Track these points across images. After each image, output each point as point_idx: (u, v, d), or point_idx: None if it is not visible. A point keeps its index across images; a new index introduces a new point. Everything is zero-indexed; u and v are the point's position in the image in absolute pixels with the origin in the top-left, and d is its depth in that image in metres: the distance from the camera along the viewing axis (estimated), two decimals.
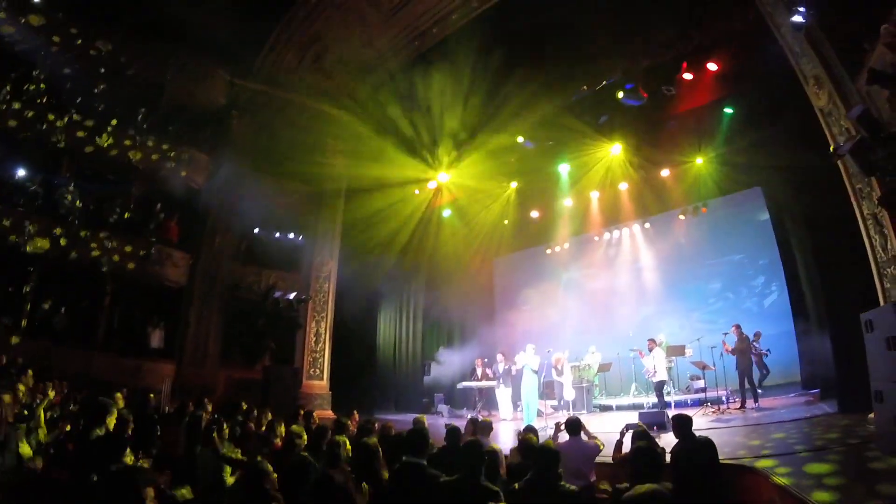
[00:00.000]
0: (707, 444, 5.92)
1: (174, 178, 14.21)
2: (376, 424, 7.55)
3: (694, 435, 6.13)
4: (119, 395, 8.21)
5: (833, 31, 8.14)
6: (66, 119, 12.57)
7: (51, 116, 12.41)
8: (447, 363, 18.49)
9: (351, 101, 16.33)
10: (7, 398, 6.31)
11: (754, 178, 13.98)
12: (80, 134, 12.78)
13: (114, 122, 13.27)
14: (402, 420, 12.33)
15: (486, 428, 7.54)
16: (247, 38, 14.24)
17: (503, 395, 14.65)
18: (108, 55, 13.12)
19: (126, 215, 13.46)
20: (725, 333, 12.61)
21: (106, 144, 13.00)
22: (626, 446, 6.36)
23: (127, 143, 13.43)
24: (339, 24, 14.05)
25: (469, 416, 14.01)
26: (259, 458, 4.77)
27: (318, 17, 13.83)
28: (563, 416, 12.78)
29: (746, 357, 11.94)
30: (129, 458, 4.43)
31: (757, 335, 12.74)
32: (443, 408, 16.46)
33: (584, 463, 6.61)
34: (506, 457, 6.24)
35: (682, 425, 6.20)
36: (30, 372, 8.42)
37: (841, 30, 8.00)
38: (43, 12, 12.13)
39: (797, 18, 8.33)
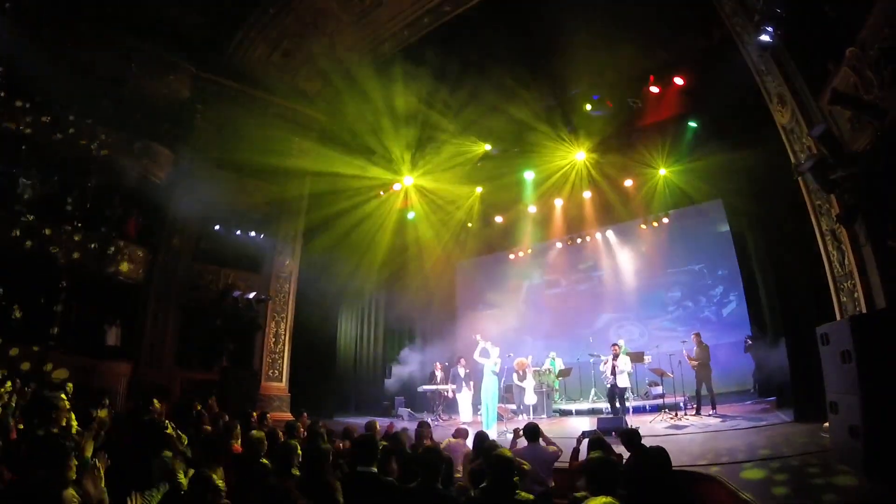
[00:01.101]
0: (660, 453, 5.99)
1: (134, 172, 13.76)
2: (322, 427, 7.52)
3: (644, 446, 6.23)
4: (63, 395, 7.87)
5: (798, 52, 8.37)
6: (23, 105, 12.05)
7: (12, 104, 11.90)
8: (408, 366, 18.43)
9: (318, 101, 16.15)
10: None
11: (716, 190, 14.31)
12: (38, 122, 12.26)
13: (73, 112, 12.78)
14: (362, 423, 12.20)
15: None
16: (215, 32, 13.93)
17: (463, 398, 14.65)
18: (70, 44, 12.62)
19: (84, 207, 12.97)
20: (684, 341, 12.89)
21: (64, 135, 12.51)
22: (583, 454, 6.45)
23: (85, 134, 12.94)
24: (309, 22, 13.83)
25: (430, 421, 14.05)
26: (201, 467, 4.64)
27: (289, 13, 13.58)
28: (522, 421, 12.98)
29: (706, 365, 12.20)
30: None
31: None
32: (403, 411, 16.40)
33: (543, 469, 6.65)
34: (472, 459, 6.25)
35: (629, 439, 6.32)
36: None
37: (806, 51, 8.23)
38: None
39: (764, 38, 8.54)
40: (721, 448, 8.63)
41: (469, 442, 7.30)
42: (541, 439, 7.01)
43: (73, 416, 7.22)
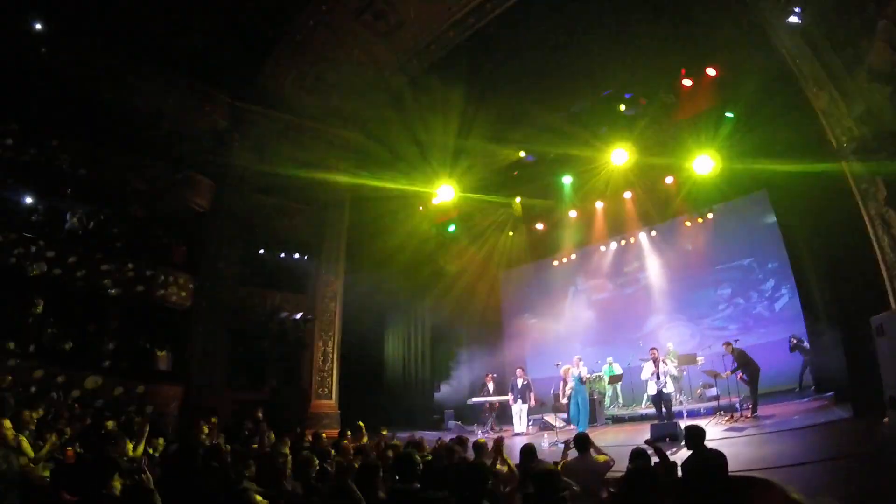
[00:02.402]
0: (717, 456, 5.76)
1: (176, 202, 14.24)
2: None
3: (706, 447, 5.98)
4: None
5: (829, 31, 8.06)
6: (62, 142, 12.65)
7: (51, 142, 12.51)
8: (457, 378, 18.37)
9: (353, 120, 16.39)
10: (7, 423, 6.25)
11: (759, 181, 13.83)
12: (81, 158, 12.83)
13: (114, 146, 13.34)
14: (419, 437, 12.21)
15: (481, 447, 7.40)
16: (246, 61, 14.38)
17: (518, 410, 14.49)
18: (108, 79, 13.20)
19: (130, 238, 13.49)
20: (724, 355, 12.37)
21: (107, 169, 13.07)
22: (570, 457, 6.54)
23: (127, 167, 13.47)
24: (334, 45, 14.13)
25: (480, 433, 13.94)
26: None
27: (314, 39, 13.90)
28: (573, 431, 12.75)
29: (752, 365, 11.76)
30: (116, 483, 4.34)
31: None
32: (453, 424, 16.31)
33: (594, 480, 6.46)
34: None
35: (693, 437, 6.05)
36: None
37: (837, 28, 7.91)
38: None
39: (793, 19, 8.27)
40: (777, 450, 8.27)
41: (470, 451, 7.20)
42: (591, 450, 6.83)
43: (129, 443, 7.47)
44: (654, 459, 6.15)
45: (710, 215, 15.98)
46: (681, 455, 6.48)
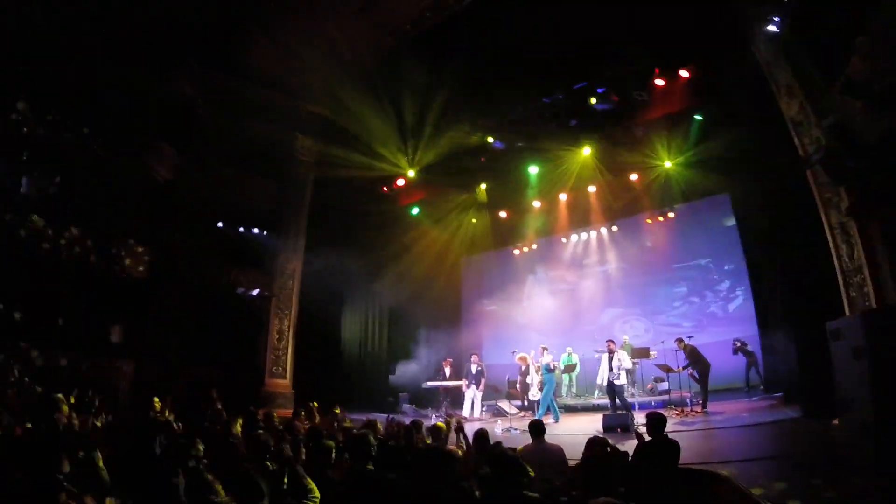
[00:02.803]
0: (674, 446, 5.87)
1: (138, 170, 13.69)
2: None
3: (665, 435, 6.11)
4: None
5: (807, 42, 8.24)
6: (24, 104, 11.98)
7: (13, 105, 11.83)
8: (413, 362, 18.35)
9: (322, 96, 16.04)
10: None
11: (722, 184, 14.17)
12: (41, 122, 12.17)
13: (75, 110, 12.69)
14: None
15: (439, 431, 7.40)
16: (218, 28, 13.81)
17: (471, 395, 14.60)
18: (71, 40, 12.53)
19: (87, 206, 12.87)
20: (677, 350, 12.70)
21: (67, 133, 12.42)
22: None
23: (88, 131, 12.85)
24: (309, 17, 13.73)
25: (434, 417, 14.00)
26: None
27: (290, 9, 13.49)
28: (526, 418, 12.92)
29: (703, 362, 12.11)
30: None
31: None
32: (407, 407, 16.33)
33: (549, 467, 6.54)
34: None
35: (655, 423, 6.15)
36: None
37: (815, 40, 8.10)
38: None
39: (772, 28, 8.43)
40: (728, 446, 8.55)
41: None
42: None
43: (74, 416, 7.20)
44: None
45: (671, 214, 16.28)
46: (630, 445, 6.59)
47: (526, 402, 14.52)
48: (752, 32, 9.42)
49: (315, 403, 10.28)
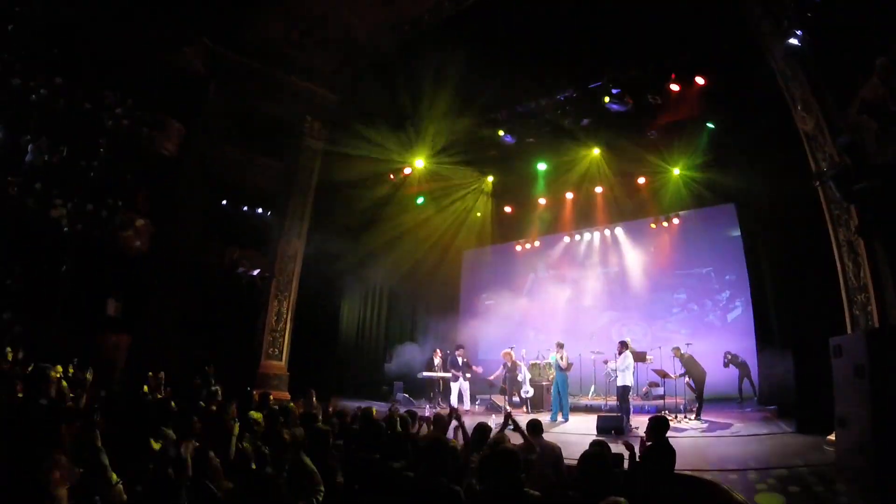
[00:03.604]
0: (671, 452, 5.91)
1: (144, 143, 13.62)
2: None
3: (666, 440, 6.13)
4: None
5: (826, 59, 8.22)
6: (32, 69, 11.89)
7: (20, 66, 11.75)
8: (409, 351, 18.38)
9: (334, 81, 15.97)
10: None
11: (729, 194, 14.19)
12: (49, 87, 12.09)
13: (84, 79, 12.61)
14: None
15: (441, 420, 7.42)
16: (233, 6, 13.72)
17: (455, 387, 14.68)
18: (85, 14, 12.43)
19: (92, 176, 12.81)
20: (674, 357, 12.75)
21: (74, 101, 12.34)
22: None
23: (96, 101, 12.76)
24: (326, 1, 13.67)
25: (428, 408, 14.08)
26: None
27: None
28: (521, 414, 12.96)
29: (699, 371, 12.17)
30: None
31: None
32: (401, 396, 16.36)
33: (546, 464, 6.58)
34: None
35: (658, 427, 6.15)
36: None
37: (834, 58, 8.08)
38: None
39: (792, 42, 8.40)
40: (723, 455, 8.57)
41: None
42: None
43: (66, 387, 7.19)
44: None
45: (675, 220, 16.32)
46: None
47: (518, 399, 14.54)
48: (769, 45, 9.39)
49: (313, 390, 10.31)
